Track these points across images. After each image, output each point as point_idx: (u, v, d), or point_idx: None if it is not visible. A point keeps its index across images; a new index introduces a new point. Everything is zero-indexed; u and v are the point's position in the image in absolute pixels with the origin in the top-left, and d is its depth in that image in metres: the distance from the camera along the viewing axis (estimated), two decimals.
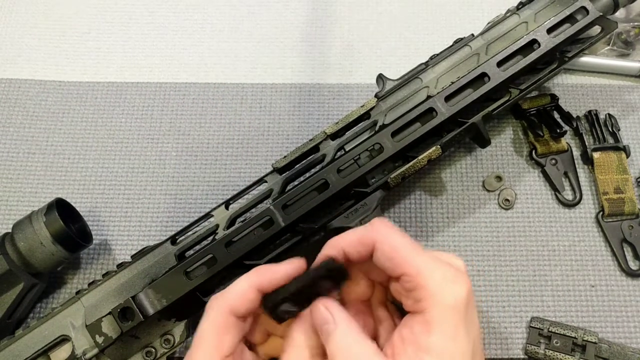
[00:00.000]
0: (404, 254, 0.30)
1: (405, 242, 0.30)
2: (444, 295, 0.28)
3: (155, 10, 0.59)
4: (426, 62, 0.46)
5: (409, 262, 0.29)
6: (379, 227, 0.31)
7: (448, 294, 0.28)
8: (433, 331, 0.28)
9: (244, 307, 0.31)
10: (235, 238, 0.41)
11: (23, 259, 0.43)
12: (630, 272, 0.47)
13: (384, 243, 0.30)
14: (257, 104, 0.54)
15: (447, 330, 0.28)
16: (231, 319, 0.31)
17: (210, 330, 0.31)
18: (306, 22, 0.58)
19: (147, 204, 0.51)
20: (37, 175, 0.52)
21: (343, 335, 0.29)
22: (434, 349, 0.27)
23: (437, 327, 0.28)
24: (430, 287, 0.28)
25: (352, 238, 0.32)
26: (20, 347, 0.40)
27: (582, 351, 0.43)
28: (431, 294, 0.28)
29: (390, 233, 0.31)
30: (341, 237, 0.32)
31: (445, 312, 0.28)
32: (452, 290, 0.28)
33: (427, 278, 0.29)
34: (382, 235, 0.31)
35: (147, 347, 0.42)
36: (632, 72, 0.53)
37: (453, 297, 0.28)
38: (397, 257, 0.30)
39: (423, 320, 0.28)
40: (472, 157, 0.51)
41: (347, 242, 0.32)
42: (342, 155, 0.43)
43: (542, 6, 0.46)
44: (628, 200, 0.48)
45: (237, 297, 0.31)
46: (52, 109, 0.54)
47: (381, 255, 0.30)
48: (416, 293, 0.29)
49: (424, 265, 0.29)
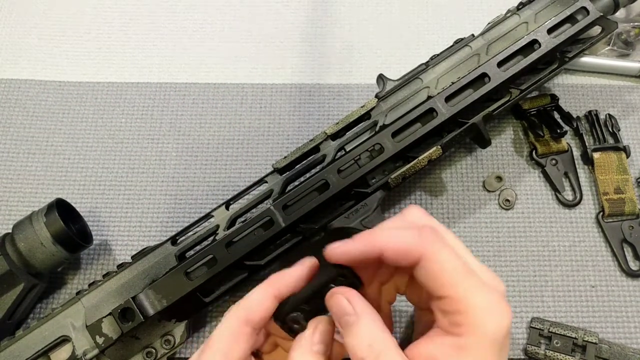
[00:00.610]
0: (451, 277, 0.27)
1: (455, 263, 0.28)
2: (485, 327, 0.27)
3: (155, 10, 0.59)
4: (426, 63, 0.46)
5: (456, 285, 0.27)
6: (429, 238, 0.28)
7: (490, 325, 0.27)
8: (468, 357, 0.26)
9: (260, 315, 0.31)
10: (236, 238, 0.41)
11: (23, 259, 0.43)
12: (631, 273, 0.47)
13: (432, 261, 0.28)
14: (257, 104, 0.54)
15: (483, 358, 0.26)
16: (245, 329, 0.31)
17: (222, 336, 0.30)
18: (306, 22, 0.58)
19: (147, 205, 0.51)
20: (37, 175, 0.52)
21: (365, 329, 0.28)
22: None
23: (470, 356, 0.26)
24: (473, 315, 0.27)
25: (395, 245, 0.29)
26: (20, 347, 0.40)
27: (583, 352, 0.43)
28: (472, 323, 0.27)
29: (441, 249, 0.28)
30: (383, 237, 0.29)
31: (483, 343, 0.27)
32: (495, 321, 0.27)
33: (472, 306, 0.27)
34: (431, 250, 0.28)
35: (147, 348, 0.42)
36: (632, 72, 0.53)
37: (494, 329, 0.27)
38: (444, 278, 0.28)
39: (457, 344, 0.27)
40: (473, 157, 0.51)
41: (389, 247, 0.29)
42: (342, 156, 0.43)
43: (542, 6, 0.46)
44: (628, 200, 0.48)
45: (254, 306, 0.31)
46: (52, 109, 0.54)
47: (425, 273, 0.28)
48: (456, 317, 0.27)
49: (470, 291, 0.27)
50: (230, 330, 0.31)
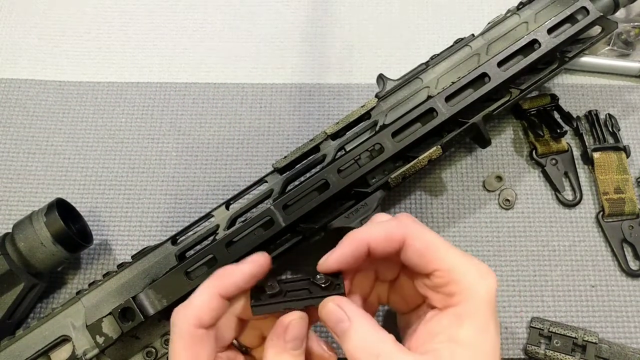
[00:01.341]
0: (437, 250, 0.29)
1: (436, 239, 0.30)
2: (478, 289, 0.28)
3: (155, 10, 0.59)
4: (426, 62, 0.46)
5: (443, 258, 0.29)
6: (407, 222, 0.30)
7: (482, 287, 0.28)
8: (465, 324, 0.28)
9: (209, 316, 0.30)
10: (236, 238, 0.41)
11: (23, 259, 0.43)
12: (631, 272, 0.47)
13: (415, 239, 0.30)
14: (258, 104, 0.54)
15: (479, 323, 0.28)
16: (200, 332, 0.30)
17: (181, 349, 0.30)
18: (306, 22, 0.58)
19: (147, 204, 0.51)
20: (37, 175, 0.52)
21: (360, 332, 0.28)
22: (466, 340, 0.27)
23: (470, 320, 0.28)
24: (465, 281, 0.28)
25: (379, 233, 0.30)
26: (20, 347, 0.40)
27: (583, 351, 0.43)
28: (465, 288, 0.28)
29: (420, 229, 0.30)
30: (366, 231, 0.31)
31: (478, 305, 0.28)
32: (485, 284, 0.29)
33: (462, 273, 0.29)
34: (412, 231, 0.30)
35: (147, 348, 0.42)
36: (632, 72, 0.53)
37: (486, 291, 0.28)
38: (430, 253, 0.29)
39: (454, 314, 0.28)
40: (473, 157, 0.51)
41: (374, 237, 0.30)
42: (342, 156, 0.43)
43: (542, 6, 0.46)
44: (628, 200, 0.48)
45: (201, 308, 0.30)
46: (52, 109, 0.54)
47: (412, 252, 0.30)
48: (449, 288, 0.29)
49: (457, 260, 0.29)
50: (185, 339, 0.30)
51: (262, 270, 0.32)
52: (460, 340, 0.28)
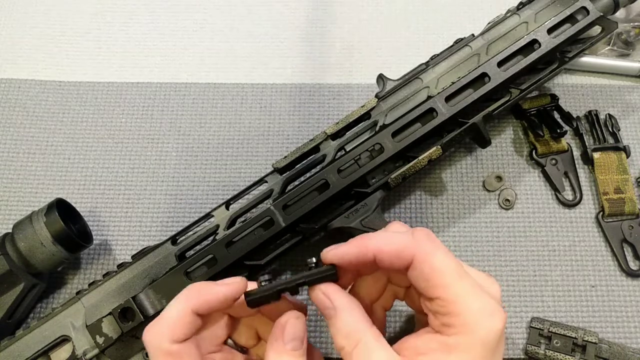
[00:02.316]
0: (444, 278, 0.28)
1: (447, 265, 0.28)
2: (477, 329, 0.27)
3: (155, 10, 0.59)
4: (426, 62, 0.46)
5: (448, 287, 0.27)
6: (420, 240, 0.29)
7: (482, 328, 0.27)
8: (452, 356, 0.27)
9: (184, 331, 0.30)
10: (236, 238, 0.41)
11: (23, 259, 0.43)
12: (631, 272, 0.47)
13: (423, 262, 0.28)
14: (257, 104, 0.54)
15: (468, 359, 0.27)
16: (175, 347, 0.29)
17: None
18: (306, 22, 0.58)
19: (147, 204, 0.51)
20: (37, 175, 0.52)
21: (344, 320, 0.29)
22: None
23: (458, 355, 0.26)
24: (466, 317, 0.27)
25: (388, 247, 0.29)
26: (20, 347, 0.40)
27: (583, 351, 0.43)
28: (464, 324, 0.27)
29: (433, 250, 0.28)
30: (376, 241, 0.29)
31: (473, 344, 0.27)
32: (488, 324, 0.27)
33: (464, 309, 0.27)
34: (423, 252, 0.28)
35: None
36: (632, 72, 0.53)
37: (486, 332, 0.27)
38: (435, 279, 0.28)
39: (444, 342, 0.27)
40: (473, 157, 0.51)
41: (382, 250, 0.29)
42: (342, 156, 0.43)
43: (542, 6, 0.46)
44: (628, 200, 0.48)
45: (174, 325, 0.29)
46: (52, 109, 0.54)
47: (419, 274, 0.28)
48: (447, 319, 0.27)
49: (463, 293, 0.27)
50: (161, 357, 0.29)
51: (238, 294, 0.31)
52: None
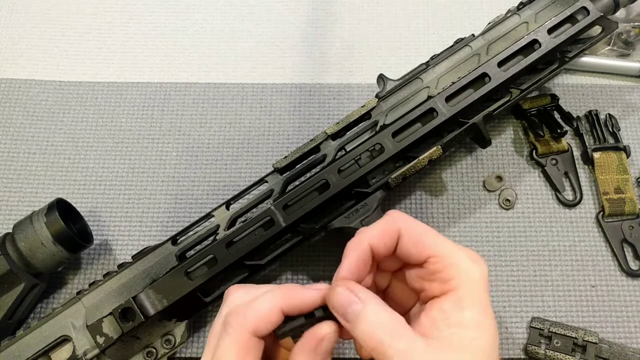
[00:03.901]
0: (430, 238, 0.30)
1: (428, 228, 0.31)
2: (473, 273, 0.29)
3: (155, 10, 0.59)
4: (427, 62, 0.46)
5: (436, 244, 0.30)
6: (399, 216, 0.31)
7: (475, 270, 0.29)
8: (466, 307, 0.29)
9: (267, 328, 0.30)
10: (236, 238, 0.41)
11: (24, 259, 0.43)
12: (631, 272, 0.47)
13: (409, 229, 0.31)
14: (258, 104, 0.54)
15: (479, 305, 0.29)
16: (253, 340, 0.29)
17: (232, 352, 0.29)
18: (306, 22, 0.58)
19: (147, 204, 0.51)
20: (38, 175, 0.52)
21: (374, 311, 0.28)
22: (470, 323, 0.28)
23: (470, 302, 0.29)
24: (460, 265, 0.29)
25: (376, 231, 0.31)
26: (21, 347, 0.40)
27: (583, 351, 0.43)
28: (461, 272, 0.29)
29: (412, 220, 0.31)
30: (364, 234, 0.31)
31: (475, 288, 0.29)
32: (478, 267, 0.30)
33: (455, 258, 0.30)
34: (406, 222, 0.31)
35: (148, 348, 0.42)
36: (633, 72, 0.53)
37: (479, 274, 0.29)
38: (424, 240, 0.30)
39: (454, 299, 0.29)
40: (473, 157, 0.51)
41: (373, 236, 0.31)
42: (342, 156, 0.43)
43: (542, 6, 0.46)
44: (628, 200, 0.48)
45: (261, 318, 0.30)
46: (53, 109, 0.54)
47: (407, 241, 0.31)
48: (444, 273, 0.29)
49: (450, 247, 0.30)
50: (238, 344, 0.29)
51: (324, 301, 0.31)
52: (464, 323, 0.28)
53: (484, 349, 0.28)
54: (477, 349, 0.28)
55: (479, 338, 0.28)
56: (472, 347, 0.28)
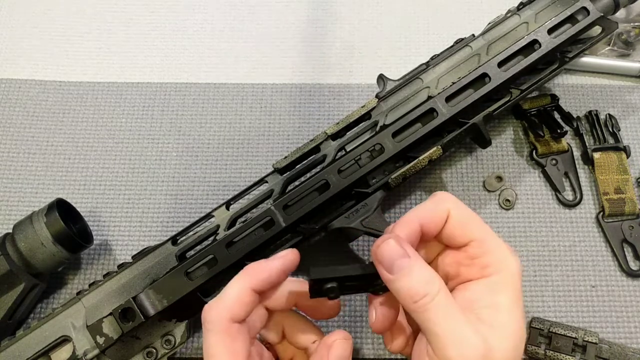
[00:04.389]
0: (477, 223, 0.31)
1: (474, 213, 0.32)
2: (511, 262, 0.30)
3: (155, 10, 0.59)
4: (427, 63, 0.46)
5: (481, 230, 0.31)
6: (448, 197, 0.32)
7: (514, 262, 0.30)
8: (501, 293, 0.29)
9: (243, 311, 0.30)
10: (236, 238, 0.41)
11: (24, 259, 0.43)
12: (631, 273, 0.47)
13: (458, 209, 0.31)
14: (258, 104, 0.54)
15: (513, 294, 0.29)
16: (235, 326, 0.30)
17: (219, 346, 0.30)
18: (306, 22, 0.58)
19: (147, 205, 0.51)
20: (38, 175, 0.52)
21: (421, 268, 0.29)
22: (504, 307, 0.29)
23: (505, 289, 0.29)
24: (499, 254, 0.30)
25: (426, 210, 0.31)
26: (21, 347, 0.40)
27: (583, 351, 0.43)
28: (500, 260, 0.30)
29: (460, 203, 0.32)
30: (414, 213, 0.32)
31: (512, 277, 0.30)
32: (516, 260, 0.30)
33: (496, 246, 0.30)
34: (455, 203, 0.31)
35: (148, 348, 0.42)
36: (633, 72, 0.53)
37: (517, 266, 0.30)
38: (471, 224, 0.31)
39: (490, 283, 0.30)
40: (473, 157, 0.51)
41: (423, 215, 0.31)
42: (342, 156, 0.43)
43: (542, 6, 0.46)
44: (628, 200, 0.48)
45: (234, 303, 0.30)
46: (53, 109, 0.54)
47: (455, 222, 0.31)
48: (484, 259, 0.30)
49: (491, 234, 0.31)
50: (221, 336, 0.30)
51: (292, 265, 0.32)
52: (499, 305, 0.29)
53: (514, 334, 0.29)
54: (508, 332, 0.28)
55: (509, 323, 0.29)
56: (504, 328, 0.28)
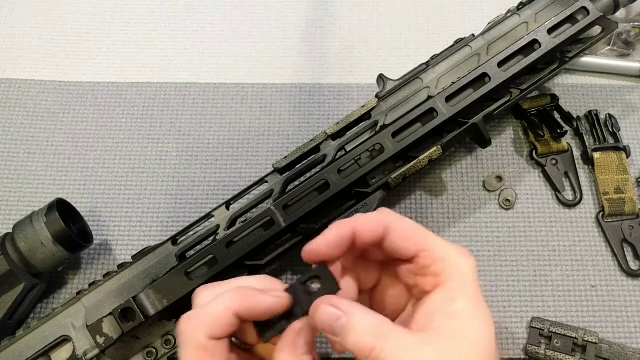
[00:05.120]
0: (418, 233, 0.31)
1: (416, 224, 0.31)
2: (462, 266, 0.30)
3: (155, 10, 0.59)
4: (427, 62, 0.46)
5: (424, 239, 0.31)
6: (390, 213, 0.32)
7: (464, 263, 0.30)
8: (457, 298, 0.29)
9: (223, 331, 0.29)
10: (236, 238, 0.41)
11: (24, 259, 0.43)
12: (631, 273, 0.47)
13: (398, 223, 0.31)
14: (258, 104, 0.54)
15: (470, 295, 0.29)
16: (211, 343, 0.29)
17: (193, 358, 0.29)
18: (306, 22, 0.58)
19: (147, 204, 0.51)
20: (38, 175, 0.52)
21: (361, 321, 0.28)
22: (462, 313, 0.29)
23: (461, 293, 0.29)
24: (449, 258, 0.30)
25: (363, 220, 0.31)
26: (21, 347, 0.40)
27: (583, 351, 0.43)
28: (451, 265, 0.30)
29: (400, 217, 0.31)
30: (350, 219, 0.31)
31: (465, 280, 0.30)
32: (466, 261, 0.30)
33: (444, 252, 0.30)
34: (394, 218, 0.31)
35: (148, 348, 0.42)
36: (633, 72, 0.53)
37: (469, 267, 0.30)
38: (412, 236, 0.31)
39: (445, 291, 0.30)
40: (473, 157, 0.51)
41: (359, 223, 0.31)
42: (342, 156, 0.43)
43: (542, 6, 0.46)
44: (628, 200, 0.48)
45: (215, 322, 0.29)
46: (53, 109, 0.54)
47: (396, 236, 0.31)
48: (435, 267, 0.30)
49: (438, 242, 0.31)
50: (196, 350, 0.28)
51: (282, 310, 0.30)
52: (456, 313, 0.29)
53: (477, 339, 0.28)
54: (470, 339, 0.28)
55: (471, 328, 0.28)
56: (464, 337, 0.28)
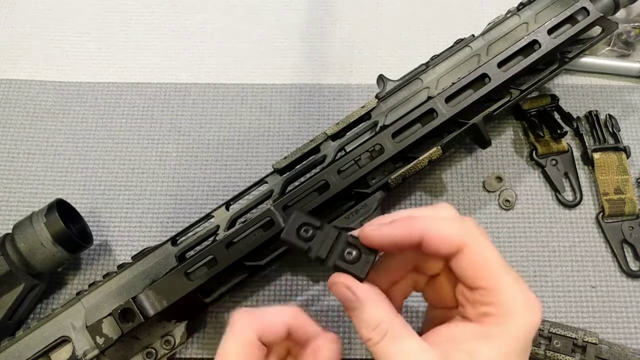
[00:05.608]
0: (493, 270, 0.28)
1: (495, 255, 0.28)
2: (516, 321, 0.27)
3: (155, 10, 0.59)
4: (427, 63, 0.46)
5: (496, 278, 0.27)
6: (473, 229, 0.28)
7: (521, 318, 0.27)
8: (489, 344, 0.27)
9: (272, 338, 0.29)
10: (236, 239, 0.41)
11: (23, 259, 0.43)
12: (631, 273, 0.47)
13: (474, 252, 0.28)
14: (258, 105, 0.54)
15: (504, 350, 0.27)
16: (257, 344, 0.29)
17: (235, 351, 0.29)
18: (306, 22, 0.58)
19: (147, 205, 0.51)
20: (38, 175, 0.52)
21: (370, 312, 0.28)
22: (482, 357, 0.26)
23: (496, 343, 0.27)
24: (508, 308, 0.27)
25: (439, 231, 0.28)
26: (20, 348, 0.40)
27: (583, 352, 0.43)
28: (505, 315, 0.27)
29: (482, 240, 0.28)
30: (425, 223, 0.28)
31: (510, 335, 0.27)
32: (526, 318, 0.27)
33: (508, 299, 0.27)
34: (475, 241, 0.28)
35: (147, 348, 0.42)
36: (633, 72, 0.53)
37: (523, 326, 0.27)
38: (484, 270, 0.28)
39: (481, 332, 0.27)
40: (473, 157, 0.51)
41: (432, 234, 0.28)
42: (342, 156, 0.43)
43: (542, 7, 0.46)
44: (628, 200, 0.48)
45: (269, 326, 0.29)
46: (53, 109, 0.54)
47: (467, 263, 0.28)
48: (488, 308, 0.27)
49: (509, 285, 0.27)
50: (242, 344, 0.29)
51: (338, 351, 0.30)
52: (476, 355, 0.26)
53: None
54: None
55: None
56: None
